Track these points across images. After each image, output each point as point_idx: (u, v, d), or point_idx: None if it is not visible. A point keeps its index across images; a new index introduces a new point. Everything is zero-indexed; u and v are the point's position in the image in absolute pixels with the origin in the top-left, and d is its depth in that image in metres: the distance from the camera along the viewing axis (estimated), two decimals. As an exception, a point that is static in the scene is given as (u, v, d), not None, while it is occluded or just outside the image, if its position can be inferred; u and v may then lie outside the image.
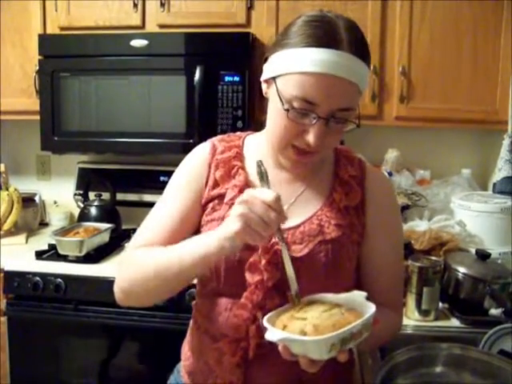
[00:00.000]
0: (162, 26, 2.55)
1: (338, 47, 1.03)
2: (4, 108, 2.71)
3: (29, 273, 2.33)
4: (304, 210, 1.19)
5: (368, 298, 1.02)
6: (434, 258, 1.93)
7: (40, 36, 2.58)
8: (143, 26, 2.57)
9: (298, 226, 1.16)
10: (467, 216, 2.28)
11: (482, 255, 1.92)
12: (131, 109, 2.52)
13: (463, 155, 2.79)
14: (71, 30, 2.61)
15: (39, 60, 2.57)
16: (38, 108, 2.60)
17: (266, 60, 1.15)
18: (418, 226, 2.22)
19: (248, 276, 1.11)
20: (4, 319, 2.37)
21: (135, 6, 2.54)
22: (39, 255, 2.43)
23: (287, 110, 1.06)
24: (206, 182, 1.22)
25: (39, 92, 2.61)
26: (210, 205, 1.20)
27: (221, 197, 1.19)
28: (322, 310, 0.99)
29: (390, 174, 2.64)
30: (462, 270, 1.90)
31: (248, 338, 1.12)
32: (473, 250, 2.03)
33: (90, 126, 2.58)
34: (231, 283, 1.13)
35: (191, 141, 2.42)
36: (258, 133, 1.30)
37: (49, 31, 2.64)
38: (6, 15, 2.67)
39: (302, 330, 0.94)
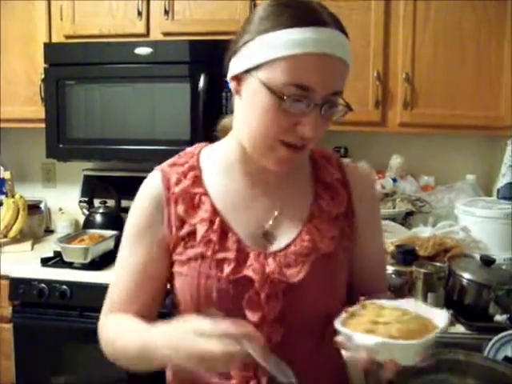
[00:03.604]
0: (166, 34, 2.57)
1: (324, 24, 0.94)
2: (10, 116, 2.74)
3: (34, 280, 2.34)
4: (290, 225, 1.08)
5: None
6: (438, 264, 1.93)
7: (45, 45, 2.60)
8: (147, 33, 2.59)
9: (289, 246, 1.06)
10: (471, 222, 2.28)
11: (487, 261, 1.92)
12: (136, 116, 2.53)
13: (467, 161, 2.79)
14: (76, 38, 2.63)
15: (44, 68, 2.59)
16: (43, 116, 2.62)
17: (230, 58, 1.03)
18: (423, 232, 2.22)
19: (248, 314, 1.02)
20: (10, 326, 2.38)
21: (139, 14, 2.56)
22: (45, 262, 2.44)
23: (281, 99, 0.93)
24: (169, 222, 1.07)
25: (44, 100, 2.62)
26: (181, 244, 1.07)
27: (191, 234, 1.06)
28: (398, 315, 0.95)
29: (395, 180, 2.64)
30: (466, 275, 1.89)
31: (257, 374, 1.03)
32: (477, 256, 2.03)
33: (94, 133, 2.60)
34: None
35: (195, 148, 2.42)
36: (214, 144, 1.19)
37: (54, 40, 2.67)
38: (11, 25, 2.70)
39: (391, 334, 0.91)
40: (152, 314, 1.12)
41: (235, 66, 1.01)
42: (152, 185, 1.11)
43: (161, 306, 1.15)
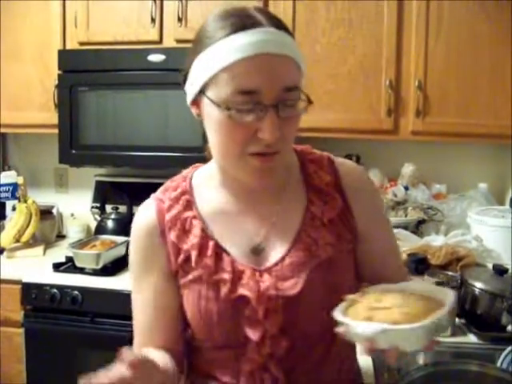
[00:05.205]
0: (179, 41, 2.57)
1: (258, 26, 0.92)
2: (23, 121, 2.77)
3: (46, 285, 2.35)
4: (283, 238, 1.06)
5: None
6: (450, 273, 1.92)
7: (59, 51, 2.62)
8: (161, 40, 2.60)
9: (283, 259, 1.03)
10: (484, 231, 2.26)
11: (500, 270, 1.90)
12: (148, 123, 2.55)
13: (480, 169, 2.77)
14: (90, 45, 2.65)
15: (58, 75, 2.61)
16: (56, 122, 2.64)
17: (184, 81, 1.04)
18: (435, 241, 2.21)
19: (249, 332, 1.01)
20: (21, 330, 2.39)
21: (153, 21, 2.57)
22: (56, 267, 2.46)
23: (228, 109, 0.92)
24: (167, 251, 1.07)
25: (58, 106, 2.64)
26: (181, 270, 1.06)
27: (188, 260, 1.05)
28: (402, 298, 0.90)
29: (406, 188, 2.63)
30: (478, 285, 1.88)
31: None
32: (490, 265, 2.01)
33: (107, 139, 2.61)
34: (231, 339, 1.04)
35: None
36: (207, 165, 1.17)
37: (68, 46, 2.69)
38: (26, 31, 2.73)
39: (393, 319, 0.85)
40: (177, 344, 1.11)
41: (189, 90, 1.02)
42: (146, 215, 1.11)
43: (185, 333, 1.13)
